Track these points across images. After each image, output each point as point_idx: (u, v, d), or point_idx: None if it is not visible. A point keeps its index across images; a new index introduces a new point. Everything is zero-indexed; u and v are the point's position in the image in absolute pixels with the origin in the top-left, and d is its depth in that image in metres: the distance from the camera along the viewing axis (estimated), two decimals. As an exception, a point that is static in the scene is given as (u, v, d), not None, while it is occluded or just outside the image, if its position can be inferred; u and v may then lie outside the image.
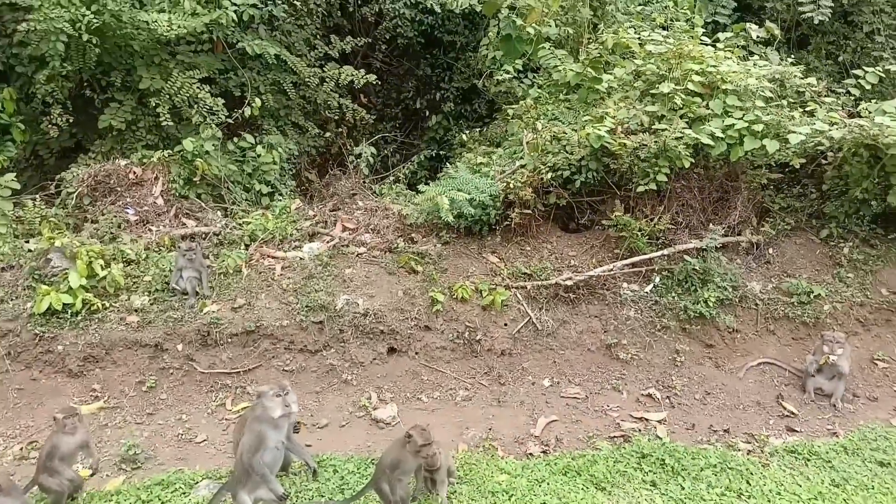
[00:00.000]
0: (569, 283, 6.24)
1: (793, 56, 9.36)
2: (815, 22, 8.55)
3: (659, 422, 5.52)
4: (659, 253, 6.44)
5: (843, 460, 4.64)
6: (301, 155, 8.90)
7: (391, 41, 10.22)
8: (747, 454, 4.81)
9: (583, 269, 6.48)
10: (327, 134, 9.51)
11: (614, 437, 5.30)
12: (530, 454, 5.06)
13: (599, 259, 6.61)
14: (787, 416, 5.66)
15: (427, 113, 10.38)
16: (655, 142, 6.11)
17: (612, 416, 5.61)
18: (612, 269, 6.39)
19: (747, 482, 4.25)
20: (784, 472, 4.46)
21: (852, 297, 6.40)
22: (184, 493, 4.25)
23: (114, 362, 5.66)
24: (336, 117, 9.38)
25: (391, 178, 8.36)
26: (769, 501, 4.11)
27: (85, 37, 6.44)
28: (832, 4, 8.52)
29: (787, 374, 6.12)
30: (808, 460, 4.65)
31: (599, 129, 6.20)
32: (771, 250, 6.74)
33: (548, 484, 4.13)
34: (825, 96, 6.71)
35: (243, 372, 5.75)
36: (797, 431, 5.43)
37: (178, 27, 6.69)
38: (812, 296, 6.34)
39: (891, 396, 5.97)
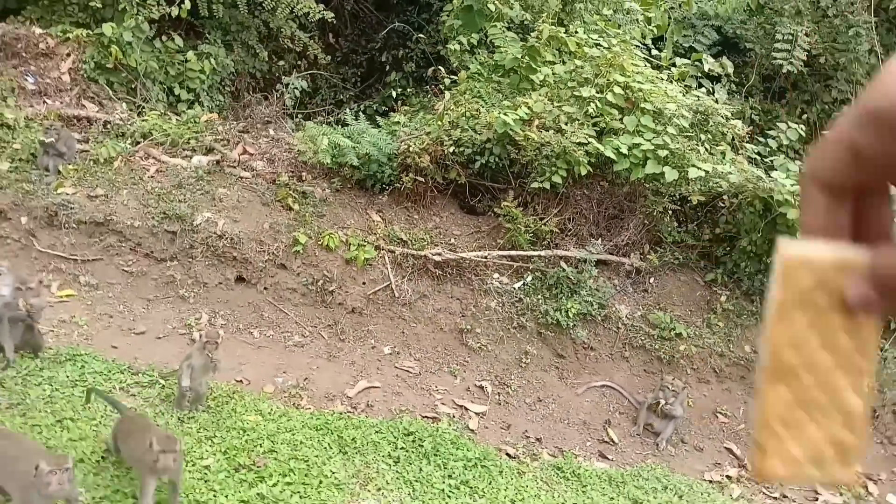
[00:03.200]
0: (437, 258, 6.13)
1: (763, 104, 9.26)
2: (784, 71, 8.39)
3: (477, 414, 5.46)
4: (538, 253, 6.32)
5: (599, 488, 4.57)
6: (241, 74, 8.72)
7: (367, -14, 10.00)
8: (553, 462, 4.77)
9: (461, 249, 6.37)
10: (280, 62, 9.32)
11: (426, 416, 5.22)
12: (333, 411, 4.98)
13: (481, 244, 6.49)
14: (606, 442, 5.60)
15: (388, 68, 10.17)
16: (559, 142, 5.96)
17: (436, 398, 5.54)
18: (486, 257, 6.27)
19: (490, 482, 4.18)
20: (534, 483, 4.40)
21: (714, 345, 6.30)
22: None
23: (-48, 220, 5.53)
24: (298, 49, 9.21)
25: (319, 119, 8.20)
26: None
27: None
28: (804, 58, 8.35)
29: (626, 403, 6.05)
30: (567, 480, 4.58)
31: (507, 116, 6.04)
32: (652, 280, 6.63)
33: (292, 434, 4.05)
34: (747, 141, 6.57)
35: (82, 261, 5.62)
36: (608, 459, 5.37)
37: None
38: (674, 333, 6.24)
39: (717, 451, 5.90)
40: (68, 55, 6.84)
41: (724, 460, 5.70)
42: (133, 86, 7.25)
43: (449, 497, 3.95)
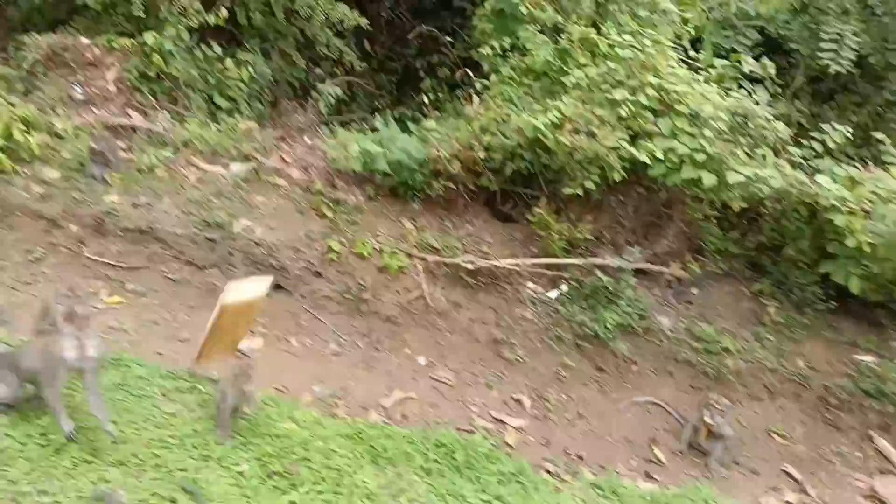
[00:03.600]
0: (469, 266, 6.08)
1: (811, 106, 8.94)
2: (832, 72, 8.07)
3: (515, 428, 5.38)
4: (573, 261, 6.22)
5: None
6: (280, 83, 8.84)
7: (401, -7, 10.03)
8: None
9: (494, 257, 6.30)
10: (317, 70, 9.42)
11: (461, 429, 5.16)
12: (366, 420, 4.94)
13: (514, 252, 6.43)
14: (652, 461, 5.44)
15: (422, 74, 10.18)
16: (591, 146, 5.84)
17: (472, 411, 5.49)
18: (518, 265, 6.20)
19: (524, 499, 4.10)
20: (572, 501, 4.30)
21: (765, 360, 6.08)
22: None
23: (10, 226, 5.67)
24: (334, 57, 9.32)
25: (354, 126, 8.24)
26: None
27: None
28: (853, 58, 8.02)
29: (673, 420, 5.86)
30: (607, 499, 4.46)
31: (537, 120, 5.96)
32: (695, 290, 6.47)
33: (324, 442, 4.04)
34: (791, 145, 6.34)
35: (128, 269, 5.74)
36: (655, 480, 5.20)
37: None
38: (721, 347, 6.04)
39: (774, 474, 5.63)
40: (113, 65, 7.02)
41: (783, 484, 5.46)
42: (175, 94, 7.41)
43: (483, 513, 3.90)
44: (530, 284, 6.27)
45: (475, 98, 6.70)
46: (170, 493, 3.43)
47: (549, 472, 4.81)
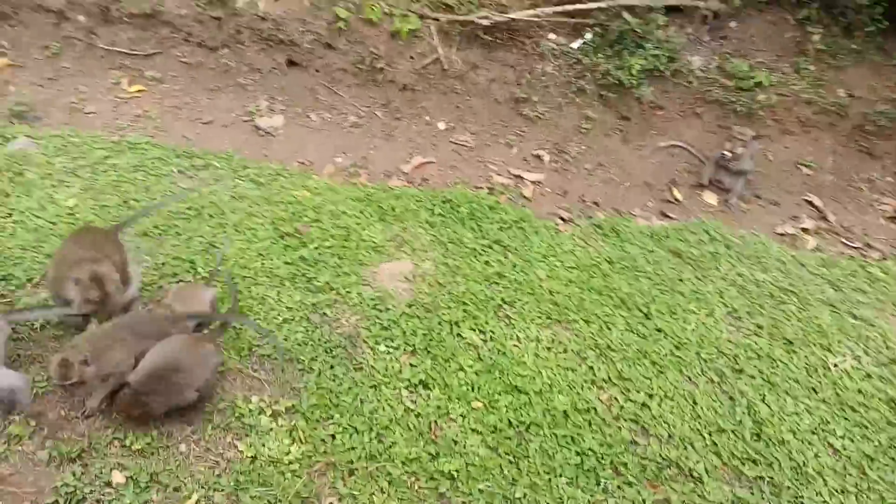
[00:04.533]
0: (485, 22, 5.74)
1: None
2: None
3: (533, 182, 5.47)
4: (598, 4, 5.73)
5: (639, 242, 4.58)
6: None
7: None
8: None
9: (512, 10, 5.89)
10: None
11: (479, 187, 5.32)
12: (376, 185, 5.11)
13: (535, 2, 5.96)
14: (669, 201, 5.49)
15: None
16: None
17: (492, 169, 5.58)
18: (539, 16, 5.79)
19: (523, 241, 4.31)
20: (570, 241, 4.48)
21: (801, 92, 5.71)
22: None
23: (21, 22, 5.73)
24: None
25: None
26: (525, 260, 4.21)
27: None
28: None
29: (697, 162, 5.78)
30: (606, 237, 4.61)
31: None
32: (733, 24, 5.92)
33: (337, 206, 4.29)
34: None
35: (143, 56, 5.80)
36: (670, 218, 5.31)
37: None
38: (754, 82, 5.68)
39: (795, 205, 5.63)
40: None
41: (803, 213, 5.45)
42: None
43: (480, 255, 4.16)
44: (552, 36, 5.91)
45: None
46: (189, 256, 3.82)
47: (562, 218, 4.97)
